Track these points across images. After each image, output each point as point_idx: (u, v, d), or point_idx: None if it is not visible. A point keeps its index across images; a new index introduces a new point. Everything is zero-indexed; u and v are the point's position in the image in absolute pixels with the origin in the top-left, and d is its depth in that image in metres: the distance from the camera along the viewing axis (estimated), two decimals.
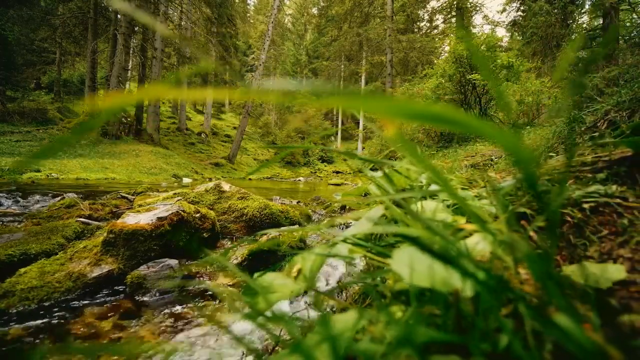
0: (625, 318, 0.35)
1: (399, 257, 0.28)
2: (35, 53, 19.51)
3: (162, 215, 1.69)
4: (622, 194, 0.73)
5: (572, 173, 0.92)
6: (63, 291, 1.33)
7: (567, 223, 0.66)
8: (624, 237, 0.57)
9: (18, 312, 1.19)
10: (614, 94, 2.18)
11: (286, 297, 0.48)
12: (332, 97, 0.14)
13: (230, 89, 0.18)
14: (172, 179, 10.11)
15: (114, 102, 0.17)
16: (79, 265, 1.47)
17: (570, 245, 0.61)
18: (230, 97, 0.16)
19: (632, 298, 0.41)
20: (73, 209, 2.66)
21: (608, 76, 10.35)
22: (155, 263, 1.48)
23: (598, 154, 0.97)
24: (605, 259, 0.55)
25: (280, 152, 12.09)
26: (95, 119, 0.16)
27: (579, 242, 0.61)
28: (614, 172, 0.82)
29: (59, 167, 8.39)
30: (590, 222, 0.64)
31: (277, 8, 17.84)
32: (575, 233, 0.63)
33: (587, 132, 1.79)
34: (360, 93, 0.14)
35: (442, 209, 0.56)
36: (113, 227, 1.57)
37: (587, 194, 0.74)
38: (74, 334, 1.05)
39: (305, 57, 37.62)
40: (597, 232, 0.61)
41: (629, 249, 0.54)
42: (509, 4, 19.16)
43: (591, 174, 0.87)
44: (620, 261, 0.52)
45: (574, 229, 0.64)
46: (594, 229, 0.62)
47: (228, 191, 2.44)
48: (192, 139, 20.75)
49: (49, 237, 1.84)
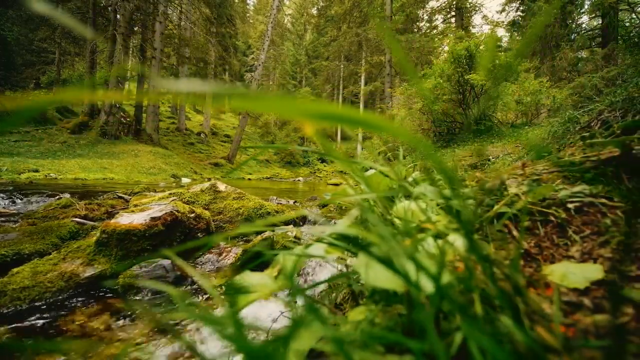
0: (590, 318, 0.35)
1: (361, 256, 0.28)
2: (35, 53, 19.53)
3: (156, 215, 1.68)
4: (608, 194, 0.73)
5: (561, 173, 0.92)
6: (55, 291, 1.33)
7: (550, 223, 0.66)
8: (606, 237, 0.57)
9: (9, 312, 1.19)
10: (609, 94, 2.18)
11: (264, 297, 0.48)
12: (234, 98, 0.14)
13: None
14: (171, 179, 10.11)
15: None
16: (71, 265, 1.47)
17: (553, 245, 0.61)
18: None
19: (605, 298, 0.41)
20: (69, 209, 2.66)
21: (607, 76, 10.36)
22: (147, 263, 1.48)
23: (587, 153, 0.97)
24: (586, 258, 0.55)
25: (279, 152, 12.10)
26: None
27: (562, 242, 0.61)
28: (601, 172, 0.82)
29: (58, 167, 8.39)
30: (574, 222, 0.64)
31: (276, 8, 17.84)
32: (558, 233, 0.63)
33: (581, 132, 1.79)
34: (258, 95, 0.14)
35: (422, 209, 0.56)
36: (106, 227, 1.57)
37: (572, 193, 0.74)
38: (64, 334, 1.05)
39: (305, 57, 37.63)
40: (579, 232, 0.61)
41: (609, 248, 0.54)
42: (508, 4, 19.18)
43: (579, 174, 0.87)
44: (600, 261, 0.52)
45: (557, 228, 0.64)
46: (577, 229, 0.62)
47: (224, 191, 2.44)
48: (192, 139, 20.75)
49: (43, 237, 1.84)
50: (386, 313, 0.32)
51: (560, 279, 0.49)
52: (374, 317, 0.29)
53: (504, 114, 9.10)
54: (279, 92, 33.39)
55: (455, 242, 0.47)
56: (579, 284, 0.46)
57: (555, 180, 0.89)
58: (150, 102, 16.19)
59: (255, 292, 0.50)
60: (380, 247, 0.24)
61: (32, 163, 8.31)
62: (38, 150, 10.46)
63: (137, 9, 14.16)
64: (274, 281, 0.51)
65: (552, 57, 14.51)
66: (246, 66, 36.88)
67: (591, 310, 0.39)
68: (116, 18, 14.35)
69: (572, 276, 0.49)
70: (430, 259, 0.29)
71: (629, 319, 0.35)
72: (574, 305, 0.40)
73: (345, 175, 0.81)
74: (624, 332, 0.32)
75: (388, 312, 0.32)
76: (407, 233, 0.34)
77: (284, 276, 0.53)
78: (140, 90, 15.54)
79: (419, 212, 0.62)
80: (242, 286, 0.53)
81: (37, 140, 11.39)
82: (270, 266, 0.57)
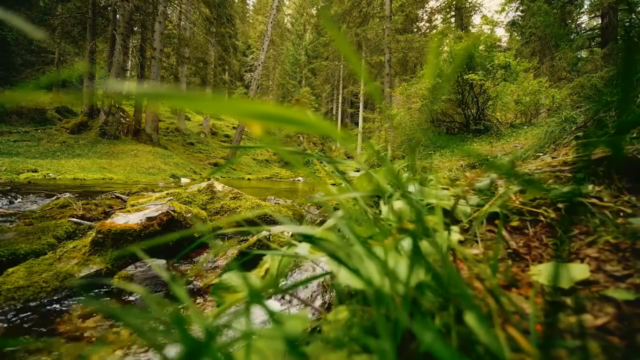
0: (571, 319, 0.35)
1: None
2: (34, 53, 19.53)
3: (152, 215, 1.68)
4: (598, 194, 0.73)
5: (553, 173, 0.92)
6: (50, 291, 1.33)
7: (540, 223, 0.66)
8: (593, 237, 0.57)
9: (3, 311, 1.19)
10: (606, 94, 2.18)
11: None
12: (178, 99, 0.14)
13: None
14: (170, 179, 10.11)
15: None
16: (67, 265, 1.47)
17: (542, 245, 0.61)
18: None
19: (587, 298, 0.41)
20: (66, 209, 2.66)
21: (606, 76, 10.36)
22: (143, 263, 1.48)
23: (579, 153, 0.97)
24: (573, 258, 0.55)
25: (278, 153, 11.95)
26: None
27: (550, 242, 0.61)
28: (592, 171, 0.81)
29: (56, 168, 8.39)
30: (563, 222, 0.64)
31: (276, 8, 17.84)
32: (547, 232, 0.63)
33: (577, 132, 1.79)
34: (207, 97, 0.14)
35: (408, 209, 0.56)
36: (102, 227, 1.57)
37: (563, 193, 0.74)
38: (57, 333, 1.05)
39: (305, 57, 37.63)
40: (568, 232, 0.61)
41: (596, 248, 0.54)
42: (508, 4, 19.16)
43: (571, 174, 0.87)
44: (587, 261, 0.52)
45: (546, 228, 0.64)
46: (565, 229, 0.62)
47: (220, 191, 2.44)
48: (192, 139, 20.74)
49: (39, 237, 1.84)
50: (365, 313, 0.32)
51: (546, 279, 0.49)
52: (352, 317, 0.29)
53: (503, 114, 9.10)
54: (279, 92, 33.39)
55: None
56: (564, 284, 0.46)
57: (547, 180, 0.89)
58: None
59: (240, 292, 0.50)
60: (342, 248, 0.24)
61: (31, 163, 8.31)
62: (37, 151, 10.46)
63: (137, 9, 14.16)
64: (260, 281, 0.51)
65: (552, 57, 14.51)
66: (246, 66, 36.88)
67: (573, 310, 0.39)
68: (115, 18, 14.35)
69: (557, 276, 0.49)
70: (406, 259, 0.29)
71: (610, 319, 0.35)
72: (556, 305, 0.40)
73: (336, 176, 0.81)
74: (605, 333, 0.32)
75: (367, 311, 0.32)
76: (386, 233, 0.34)
77: (271, 276, 0.53)
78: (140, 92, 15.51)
79: (408, 211, 0.62)
80: (229, 286, 0.53)
81: (36, 140, 11.39)
82: (258, 266, 0.58)
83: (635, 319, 0.35)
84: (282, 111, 0.15)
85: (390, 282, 0.22)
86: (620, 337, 0.33)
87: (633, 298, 0.38)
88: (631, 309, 0.37)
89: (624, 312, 0.37)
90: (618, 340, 0.33)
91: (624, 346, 0.31)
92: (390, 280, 0.22)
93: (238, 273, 0.55)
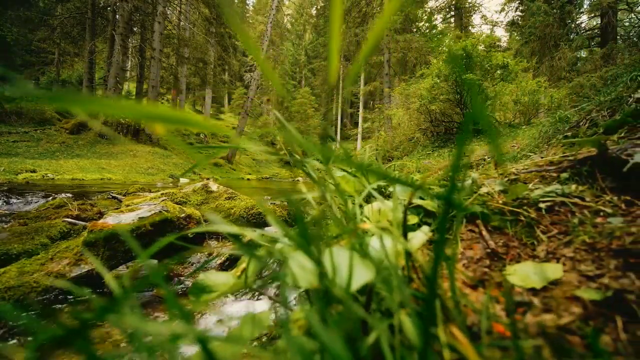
0: (537, 318, 0.35)
1: (295, 257, 0.28)
2: (34, 53, 19.56)
3: (144, 215, 1.68)
4: (581, 194, 0.73)
5: (539, 172, 0.92)
6: (40, 291, 1.33)
7: (520, 222, 0.65)
8: (570, 237, 0.57)
9: None
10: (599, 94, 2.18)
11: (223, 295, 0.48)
12: (73, 101, 0.14)
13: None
14: (169, 179, 10.11)
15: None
16: (58, 265, 1.47)
17: (520, 245, 0.61)
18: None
19: (552, 298, 0.40)
20: (62, 209, 2.66)
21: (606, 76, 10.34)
22: (134, 263, 1.48)
23: (566, 153, 0.97)
24: (549, 258, 0.54)
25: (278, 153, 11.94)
26: None
27: (529, 242, 0.60)
28: (577, 171, 0.81)
29: (55, 168, 8.39)
30: (543, 222, 0.64)
31: (275, 8, 17.83)
32: (527, 232, 0.63)
33: (570, 132, 1.79)
34: (94, 99, 0.14)
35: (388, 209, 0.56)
36: (93, 227, 1.57)
37: (545, 193, 0.74)
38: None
39: (304, 57, 37.63)
40: (547, 232, 0.61)
41: (572, 248, 0.54)
42: (507, 4, 19.16)
43: (556, 173, 0.86)
44: (562, 260, 0.52)
45: (526, 228, 0.64)
46: (545, 229, 0.62)
47: (215, 191, 2.44)
48: (191, 139, 20.74)
49: (32, 237, 1.84)
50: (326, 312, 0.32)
51: (520, 279, 0.48)
52: (309, 316, 0.29)
53: (502, 114, 9.09)
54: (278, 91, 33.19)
55: (413, 240, 0.47)
56: (537, 284, 0.46)
57: (533, 179, 0.89)
58: (150, 102, 16.18)
59: (216, 291, 0.50)
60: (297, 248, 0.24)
61: (29, 163, 8.31)
62: (36, 151, 10.47)
63: (136, 9, 14.16)
64: (236, 280, 0.51)
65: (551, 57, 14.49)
66: (245, 66, 36.88)
67: (540, 309, 0.38)
68: (115, 18, 14.36)
69: (532, 276, 0.49)
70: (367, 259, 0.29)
71: (574, 318, 0.35)
72: (524, 305, 0.40)
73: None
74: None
75: (327, 311, 0.32)
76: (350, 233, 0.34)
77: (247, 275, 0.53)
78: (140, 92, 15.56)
79: (387, 211, 0.62)
80: (205, 286, 0.53)
81: (35, 140, 11.40)
82: (236, 265, 0.58)
83: (599, 319, 0.35)
84: (172, 113, 0.16)
85: (328, 284, 0.22)
86: (582, 337, 0.33)
87: (599, 298, 0.38)
88: (597, 309, 0.37)
89: (589, 313, 0.37)
90: (579, 340, 0.33)
91: (583, 346, 0.31)
92: (328, 283, 0.22)
93: (215, 273, 0.56)
